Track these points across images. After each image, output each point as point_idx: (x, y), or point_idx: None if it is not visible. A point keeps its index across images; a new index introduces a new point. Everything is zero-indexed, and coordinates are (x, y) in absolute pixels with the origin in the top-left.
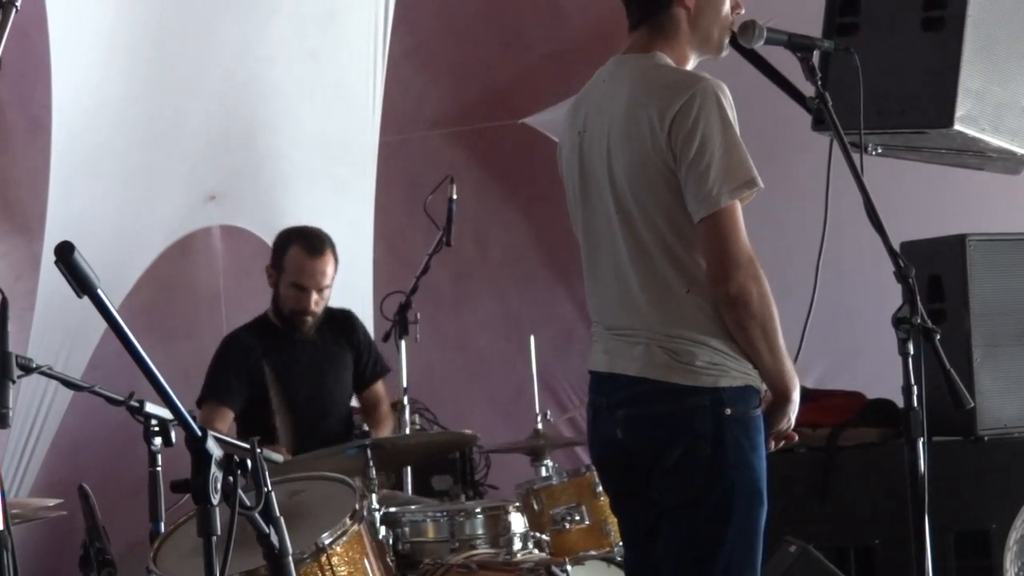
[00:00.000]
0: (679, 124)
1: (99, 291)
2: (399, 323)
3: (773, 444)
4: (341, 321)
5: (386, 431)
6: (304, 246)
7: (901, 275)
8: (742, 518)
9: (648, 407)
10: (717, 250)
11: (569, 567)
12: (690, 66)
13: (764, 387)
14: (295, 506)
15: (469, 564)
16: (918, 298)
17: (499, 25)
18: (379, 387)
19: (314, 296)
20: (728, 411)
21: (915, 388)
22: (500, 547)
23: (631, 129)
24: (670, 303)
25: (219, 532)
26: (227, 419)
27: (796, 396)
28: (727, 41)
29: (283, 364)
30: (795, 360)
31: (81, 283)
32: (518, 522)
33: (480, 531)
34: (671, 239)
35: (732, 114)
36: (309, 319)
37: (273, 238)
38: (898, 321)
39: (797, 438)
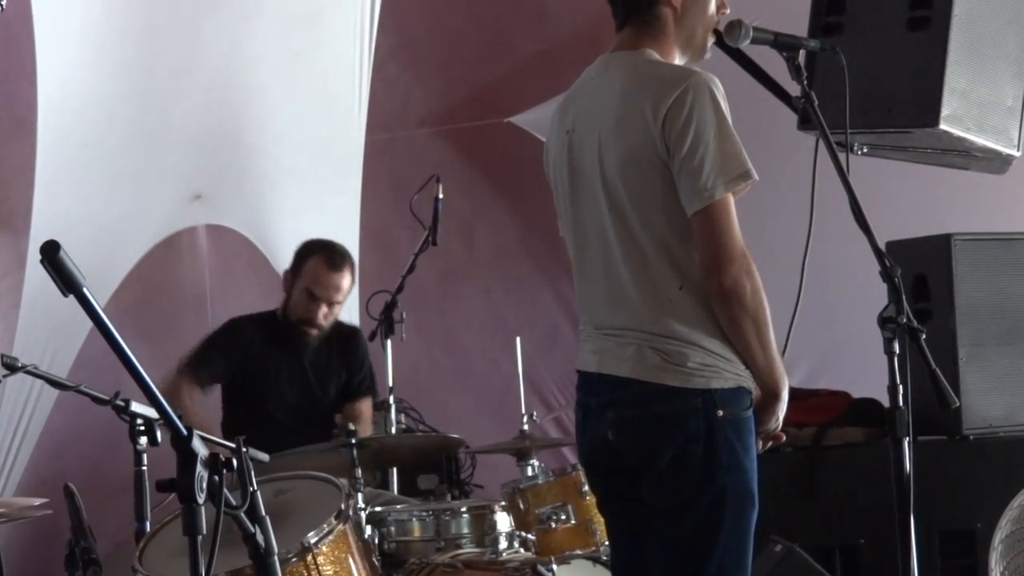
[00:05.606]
0: (672, 117)
1: (85, 290)
2: (385, 322)
3: (762, 444)
4: (347, 337)
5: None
6: (325, 257)
7: (887, 274)
8: (734, 521)
9: (639, 409)
10: (711, 243)
11: (555, 566)
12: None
13: (755, 387)
14: (281, 505)
15: (455, 563)
16: (903, 297)
17: (485, 24)
18: (364, 404)
19: (323, 309)
20: (720, 413)
21: (900, 387)
22: (486, 546)
23: (624, 124)
24: (662, 300)
25: (205, 531)
26: (194, 395)
27: (785, 395)
28: (711, 42)
29: (276, 363)
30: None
31: (67, 282)
32: (504, 521)
33: (466, 530)
34: (666, 234)
35: (725, 107)
36: (314, 332)
37: (258, 237)
38: (884, 320)
39: (785, 438)
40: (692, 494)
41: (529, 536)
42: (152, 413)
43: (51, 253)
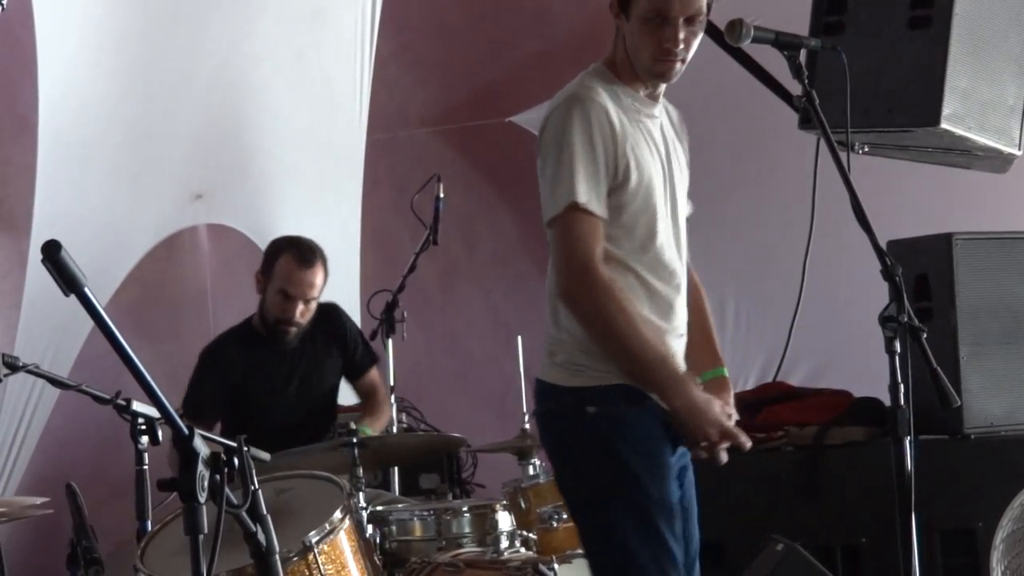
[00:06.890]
0: (542, 132)
1: (86, 289)
2: (386, 322)
3: (704, 453)
4: (327, 317)
5: (382, 418)
6: (295, 255)
7: (888, 274)
8: (629, 519)
9: (537, 406)
10: (553, 255)
11: (556, 565)
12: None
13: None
14: (282, 504)
15: (456, 563)
16: (905, 296)
17: (486, 25)
18: (372, 375)
19: (300, 307)
20: (591, 409)
21: (902, 387)
22: (487, 546)
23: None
24: (553, 304)
25: (206, 530)
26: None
27: (684, 402)
28: (658, 75)
29: (266, 371)
30: (782, 358)
31: (68, 281)
32: (505, 521)
33: (467, 530)
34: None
35: (588, 128)
36: (293, 329)
37: (259, 237)
38: (885, 320)
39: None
40: (578, 491)
41: (530, 535)
42: (153, 412)
43: (52, 252)
